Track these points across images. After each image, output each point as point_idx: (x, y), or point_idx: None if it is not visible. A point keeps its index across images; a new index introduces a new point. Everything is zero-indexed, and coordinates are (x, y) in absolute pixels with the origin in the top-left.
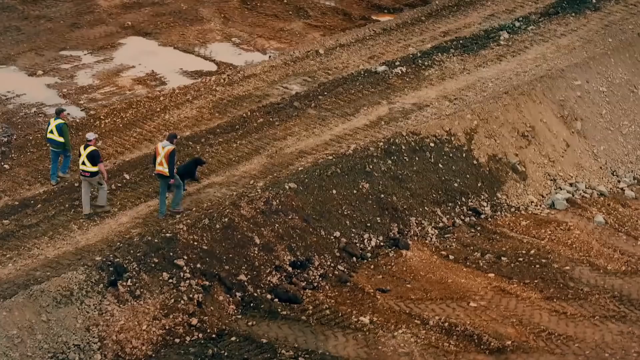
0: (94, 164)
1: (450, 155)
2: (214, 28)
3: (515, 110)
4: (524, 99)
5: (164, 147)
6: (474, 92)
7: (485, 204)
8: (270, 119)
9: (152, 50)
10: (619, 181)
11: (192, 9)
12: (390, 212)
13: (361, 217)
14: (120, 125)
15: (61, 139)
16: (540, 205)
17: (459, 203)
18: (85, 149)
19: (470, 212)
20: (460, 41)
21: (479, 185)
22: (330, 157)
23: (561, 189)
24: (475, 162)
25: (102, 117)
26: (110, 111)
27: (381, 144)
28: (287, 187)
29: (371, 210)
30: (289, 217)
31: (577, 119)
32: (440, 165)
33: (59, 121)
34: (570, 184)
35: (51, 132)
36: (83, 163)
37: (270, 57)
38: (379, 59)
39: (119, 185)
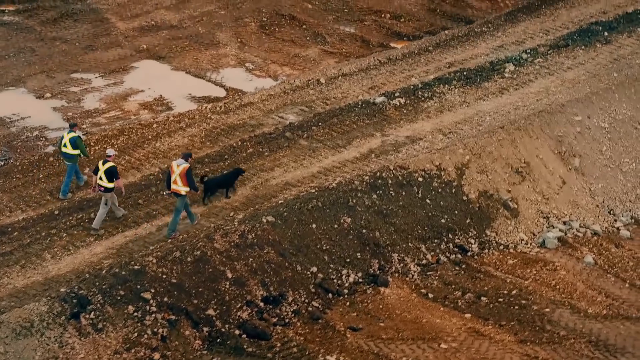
0: (110, 180)
1: (439, 190)
2: (228, 53)
3: (510, 145)
4: (520, 134)
5: (178, 166)
6: (470, 125)
7: (473, 241)
8: (260, 149)
9: (163, 74)
10: (615, 220)
11: (209, 33)
12: (372, 247)
13: (340, 253)
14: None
15: (75, 152)
16: (530, 244)
17: (445, 240)
18: (104, 164)
19: (457, 249)
20: (464, 73)
21: (467, 221)
22: (313, 191)
23: (553, 227)
24: (465, 197)
25: (92, 143)
26: (101, 138)
27: (367, 177)
28: (265, 221)
29: (351, 246)
30: (265, 251)
31: (575, 156)
32: (427, 200)
33: (72, 134)
34: (564, 222)
35: (64, 145)
36: (100, 178)
37: (270, 85)
38: (379, 89)
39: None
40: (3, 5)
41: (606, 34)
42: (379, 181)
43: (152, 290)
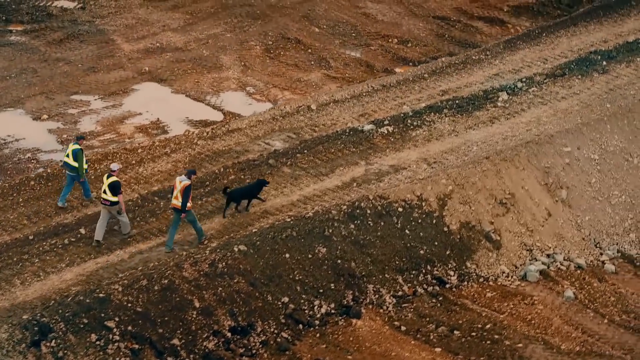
0: (114, 194)
1: (419, 221)
2: (231, 76)
3: (494, 176)
4: (506, 165)
5: (180, 182)
6: (456, 155)
7: (452, 273)
8: (242, 176)
9: (163, 97)
10: (601, 254)
11: (213, 56)
12: (347, 278)
13: (314, 283)
14: (92, 177)
15: (75, 164)
16: (512, 276)
17: (424, 271)
18: (107, 178)
19: (435, 281)
20: (457, 101)
21: (447, 253)
22: (289, 220)
23: (536, 260)
24: (445, 229)
25: None
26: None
27: (345, 207)
28: (236, 250)
29: (325, 276)
30: (235, 280)
31: (562, 187)
32: (407, 231)
33: (76, 146)
34: (548, 255)
35: (67, 155)
36: (104, 192)
37: (260, 111)
38: (369, 116)
39: (72, 240)
40: (12, 25)
41: (604, 63)
42: (357, 211)
43: (116, 319)
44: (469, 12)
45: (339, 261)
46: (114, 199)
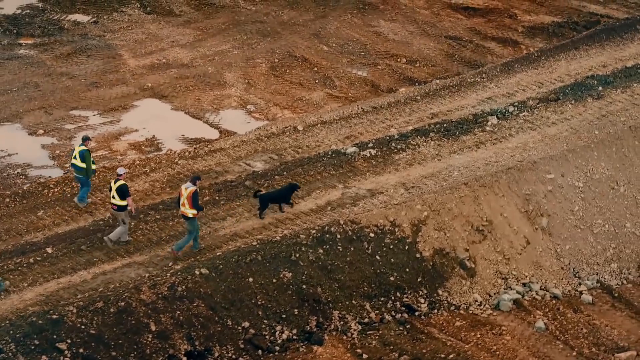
0: (122, 197)
1: (391, 247)
2: (233, 94)
3: (472, 202)
4: (485, 191)
5: (186, 189)
6: (435, 180)
7: (422, 300)
8: (217, 198)
9: (162, 114)
10: (579, 284)
11: (217, 73)
12: (311, 303)
13: (277, 308)
14: (69, 195)
15: (83, 165)
16: (484, 305)
17: (393, 298)
18: (115, 182)
19: (404, 309)
20: (445, 125)
21: (419, 280)
22: (255, 243)
23: (511, 289)
24: (418, 255)
25: (51, 185)
26: (62, 180)
27: (314, 231)
28: (198, 273)
29: (289, 301)
30: (194, 304)
31: (543, 215)
32: (377, 257)
33: (82, 148)
34: (524, 284)
35: (74, 157)
36: (113, 196)
37: (246, 131)
38: (355, 139)
39: (38, 259)
40: (22, 38)
41: (600, 88)
42: (327, 235)
43: (69, 341)
44: (482, 32)
45: (304, 286)
46: (122, 202)
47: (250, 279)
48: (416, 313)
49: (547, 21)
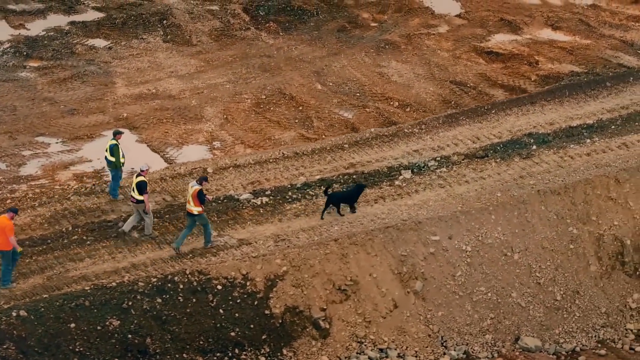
0: (140, 193)
1: (238, 300)
2: (204, 129)
3: (338, 260)
4: (356, 249)
5: (192, 187)
6: (310, 235)
7: (263, 359)
8: (85, 237)
9: (125, 145)
10: (444, 354)
11: (199, 107)
12: (135, 354)
13: (96, 356)
14: None
15: (112, 158)
16: None
17: (230, 355)
18: (136, 177)
19: None
20: (354, 176)
21: (263, 337)
22: (87, 288)
23: (363, 354)
24: (267, 311)
25: None
26: None
27: (155, 280)
28: (14, 315)
29: (111, 350)
30: (4, 346)
31: (417, 278)
32: (221, 310)
33: (113, 142)
34: (380, 350)
35: (106, 151)
36: (133, 190)
37: (156, 169)
38: (258, 185)
39: None
40: (31, 60)
41: (534, 147)
42: (169, 285)
43: None
44: (492, 79)
45: (130, 336)
46: (140, 197)
47: (73, 325)
48: None
49: (565, 71)
